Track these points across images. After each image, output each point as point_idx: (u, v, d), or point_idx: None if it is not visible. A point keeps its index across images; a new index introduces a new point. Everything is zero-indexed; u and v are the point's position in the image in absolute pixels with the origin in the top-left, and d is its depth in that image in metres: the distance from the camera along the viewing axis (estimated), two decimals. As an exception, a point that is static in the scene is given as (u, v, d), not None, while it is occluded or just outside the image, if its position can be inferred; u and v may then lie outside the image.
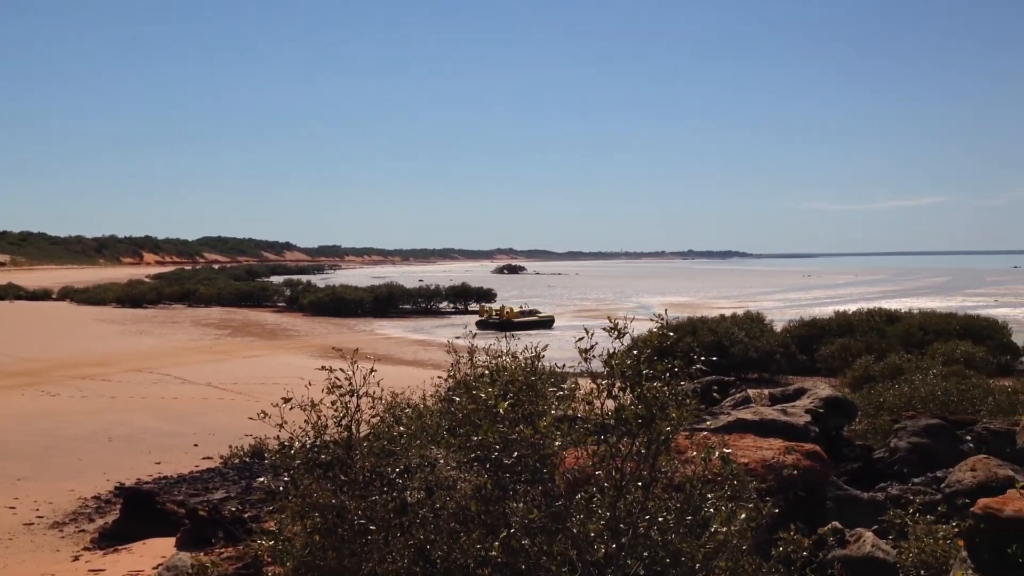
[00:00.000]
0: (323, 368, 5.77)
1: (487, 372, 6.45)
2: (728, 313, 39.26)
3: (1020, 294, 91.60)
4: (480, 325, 50.31)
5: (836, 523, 7.84)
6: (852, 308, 40.25)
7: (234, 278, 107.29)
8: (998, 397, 15.55)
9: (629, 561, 5.26)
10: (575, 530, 5.18)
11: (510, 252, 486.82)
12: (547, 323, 53.56)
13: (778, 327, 36.55)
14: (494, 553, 5.23)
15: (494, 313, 56.82)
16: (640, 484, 5.28)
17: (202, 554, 9.20)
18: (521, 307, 59.91)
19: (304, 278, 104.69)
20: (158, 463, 17.45)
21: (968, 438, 11.87)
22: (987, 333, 33.07)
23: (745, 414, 11.67)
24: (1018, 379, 19.59)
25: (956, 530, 7.80)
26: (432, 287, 76.94)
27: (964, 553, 7.04)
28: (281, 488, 5.79)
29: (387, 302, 70.97)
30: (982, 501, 7.07)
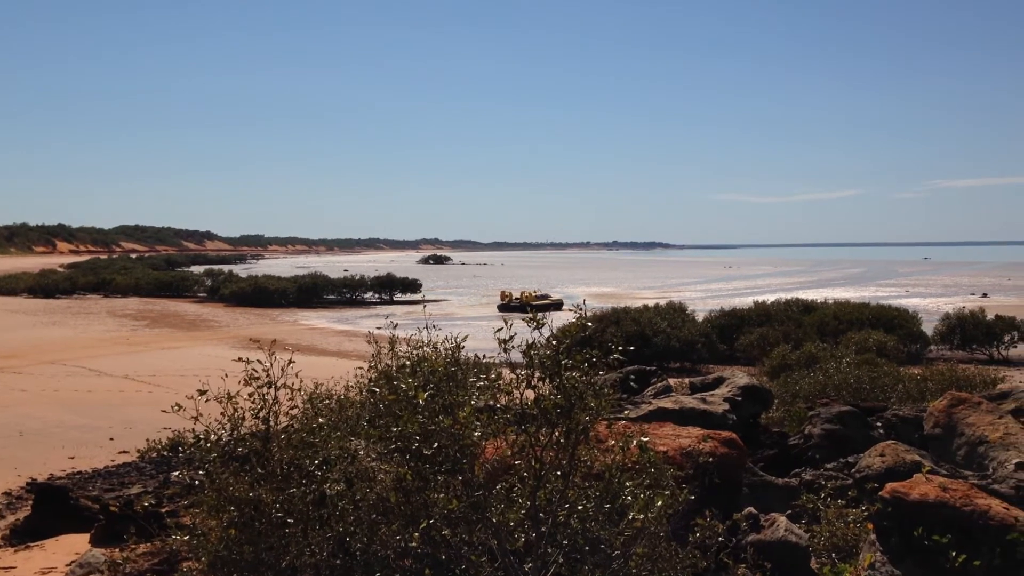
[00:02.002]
0: (240, 359, 5.67)
1: (408, 363, 6.43)
2: (651, 303, 39.77)
3: (930, 285, 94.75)
4: (502, 308, 56.90)
5: (751, 508, 8.01)
6: (771, 298, 41.25)
7: (152, 268, 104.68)
8: (907, 384, 16.10)
9: (549, 549, 5.30)
10: (495, 519, 5.20)
11: (435, 242, 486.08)
12: (558, 305, 57.16)
13: (700, 317, 37.19)
14: (414, 544, 5.22)
15: (514, 298, 62.85)
16: (560, 473, 5.32)
17: (117, 550, 8.99)
18: (535, 292, 68.22)
19: (226, 268, 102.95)
20: (72, 458, 17.00)
21: (878, 424, 12.25)
22: (898, 323, 34.23)
23: (665, 403, 11.84)
24: (926, 367, 20.26)
25: (866, 514, 8.05)
26: (357, 277, 76.26)
27: (873, 536, 7.28)
28: (197, 482, 5.68)
29: (311, 292, 70.22)
30: (890, 485, 7.31)
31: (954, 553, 6.55)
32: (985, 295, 73.24)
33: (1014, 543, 6.57)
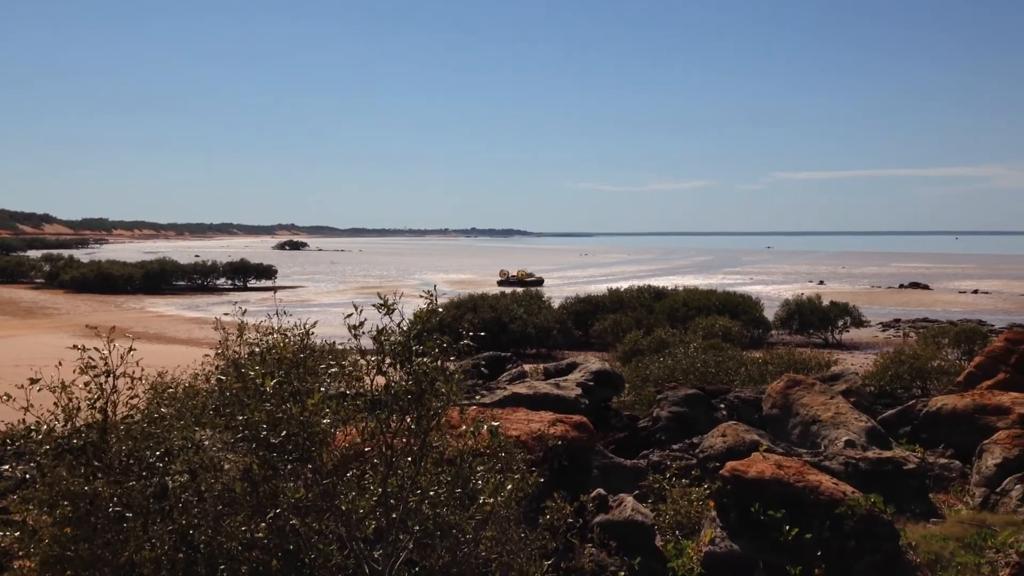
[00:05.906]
0: (75, 347, 5.39)
1: (257, 350, 6.28)
2: (508, 290, 40.14)
3: (772, 272, 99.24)
4: (501, 283, 64.56)
5: (601, 490, 8.23)
6: (624, 285, 42.28)
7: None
8: (749, 368, 16.86)
9: (400, 536, 5.29)
10: (344, 507, 5.15)
11: (292, 228, 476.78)
12: (540, 281, 67.65)
13: (556, 304, 37.75)
14: (261, 535, 5.11)
15: (511, 275, 72.26)
16: (411, 459, 5.32)
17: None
18: (527, 270, 77.34)
19: (66, 252, 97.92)
20: None
21: (722, 406, 12.79)
22: (742, 309, 35.73)
23: (520, 388, 12.01)
24: (767, 351, 21.25)
25: (708, 492, 8.40)
26: (209, 263, 73.89)
27: (714, 513, 7.60)
28: (28, 476, 5.38)
29: (159, 278, 67.57)
30: (730, 464, 7.66)
31: (787, 527, 6.92)
32: (822, 282, 77.26)
33: (842, 516, 7.00)
